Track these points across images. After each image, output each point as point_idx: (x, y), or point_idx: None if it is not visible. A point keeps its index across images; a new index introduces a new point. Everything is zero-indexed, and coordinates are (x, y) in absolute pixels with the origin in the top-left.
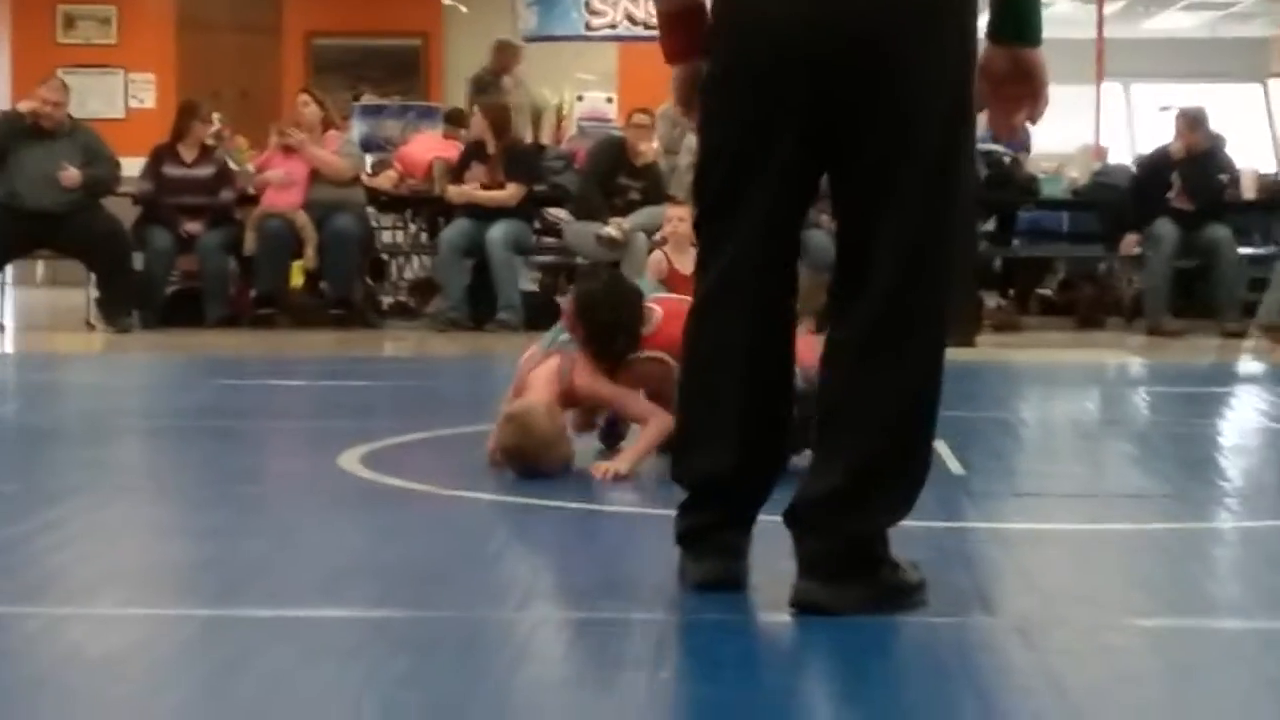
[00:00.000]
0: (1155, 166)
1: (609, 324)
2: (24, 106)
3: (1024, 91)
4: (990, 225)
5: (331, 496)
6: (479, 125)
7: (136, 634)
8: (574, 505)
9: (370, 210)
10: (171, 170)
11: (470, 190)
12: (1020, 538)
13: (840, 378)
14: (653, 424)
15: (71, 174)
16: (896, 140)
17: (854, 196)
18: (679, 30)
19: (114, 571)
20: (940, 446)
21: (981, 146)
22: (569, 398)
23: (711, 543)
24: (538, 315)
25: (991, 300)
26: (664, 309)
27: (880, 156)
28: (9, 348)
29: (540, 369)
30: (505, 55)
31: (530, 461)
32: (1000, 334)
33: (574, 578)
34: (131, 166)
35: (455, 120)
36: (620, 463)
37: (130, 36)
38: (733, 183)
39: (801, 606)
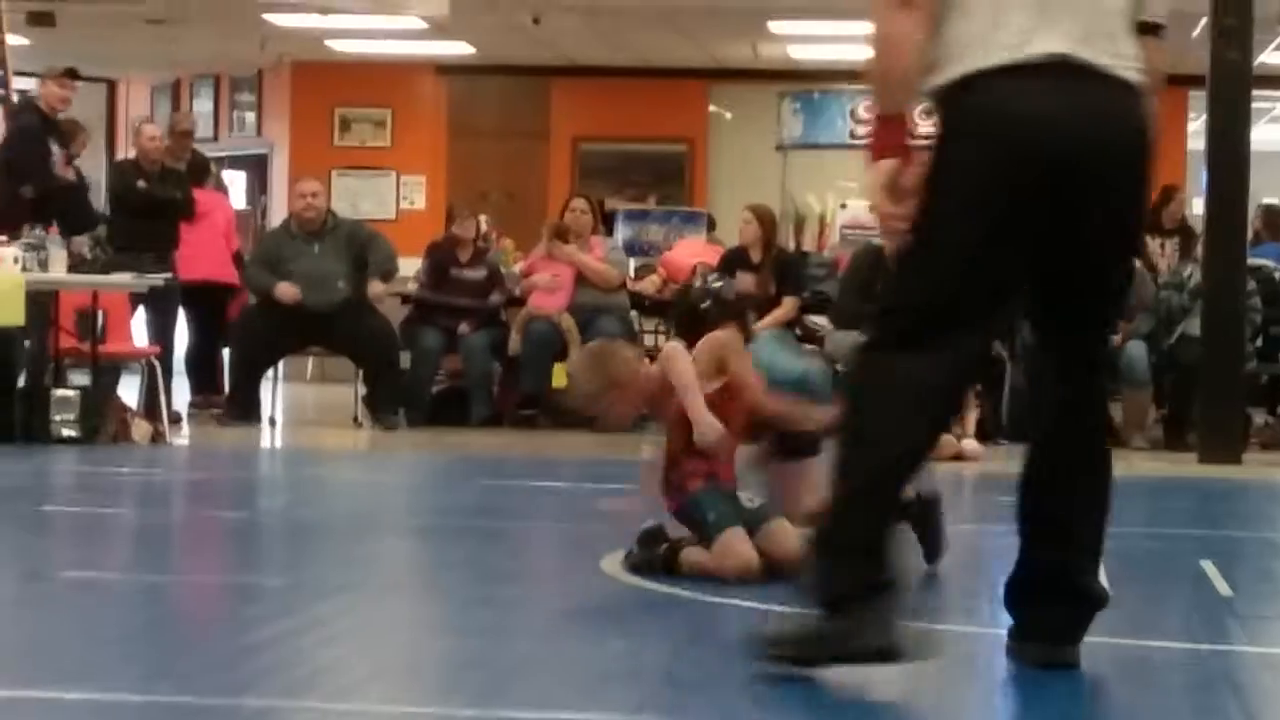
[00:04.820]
0: None
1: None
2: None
3: None
4: (1258, 341)
5: (594, 600)
6: (750, 231)
7: None
8: None
9: (633, 314)
10: (449, 271)
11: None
12: None
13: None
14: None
15: (377, 288)
16: (1111, 252)
17: (1064, 304)
18: (893, 130)
19: (380, 668)
20: (1207, 567)
21: (1252, 262)
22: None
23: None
24: None
25: (1259, 417)
26: None
27: (1098, 266)
28: (279, 442)
29: None
30: None
31: (592, 400)
32: (1267, 452)
33: (837, 688)
34: (403, 266)
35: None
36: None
37: (403, 139)
38: (963, 282)
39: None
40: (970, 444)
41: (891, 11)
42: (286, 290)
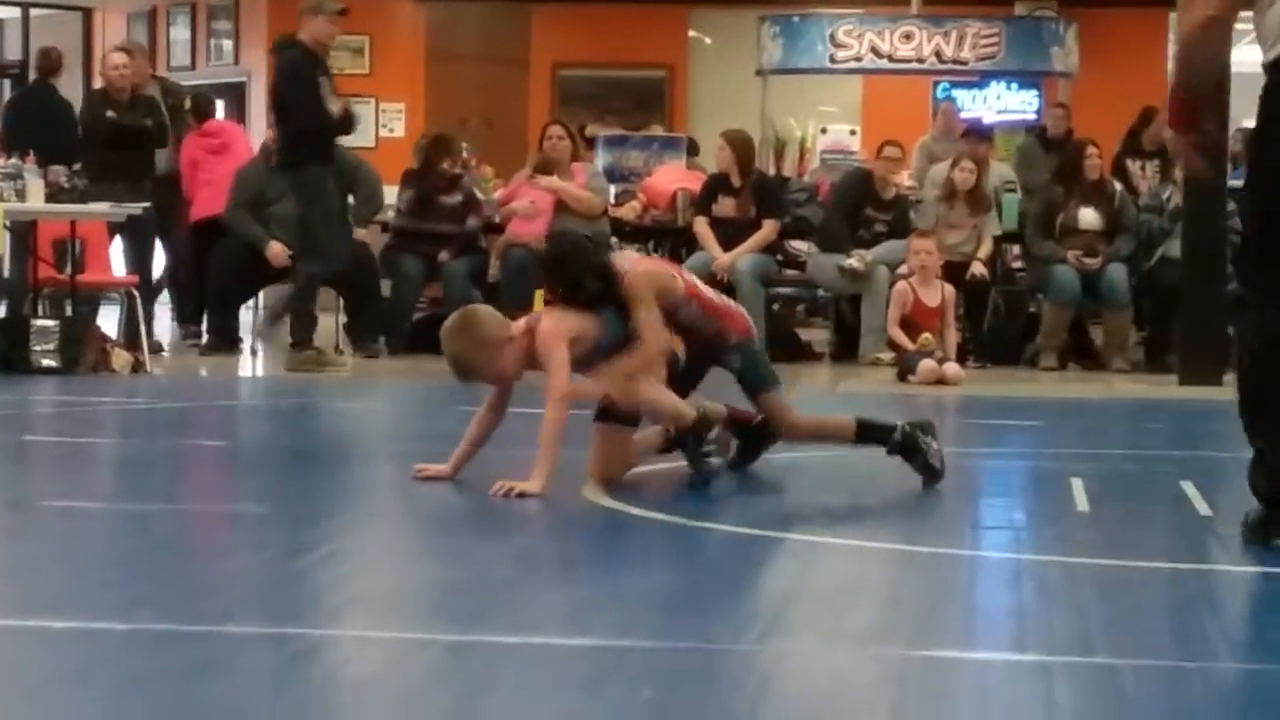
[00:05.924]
0: None
1: (575, 272)
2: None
3: None
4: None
5: (576, 525)
6: (724, 158)
7: (386, 657)
8: (819, 539)
9: (614, 240)
10: (426, 199)
11: (733, 254)
12: (1270, 582)
13: None
14: (549, 430)
15: (359, 233)
16: None
17: None
18: (1199, 105)
19: (364, 594)
20: (1187, 488)
21: (1231, 184)
22: (528, 335)
23: None
24: (777, 346)
25: None
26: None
27: None
28: (260, 371)
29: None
30: None
31: (458, 363)
32: None
33: (817, 610)
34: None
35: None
36: (531, 483)
37: (382, 66)
38: None
39: None
40: (952, 367)
41: None
42: (278, 254)
